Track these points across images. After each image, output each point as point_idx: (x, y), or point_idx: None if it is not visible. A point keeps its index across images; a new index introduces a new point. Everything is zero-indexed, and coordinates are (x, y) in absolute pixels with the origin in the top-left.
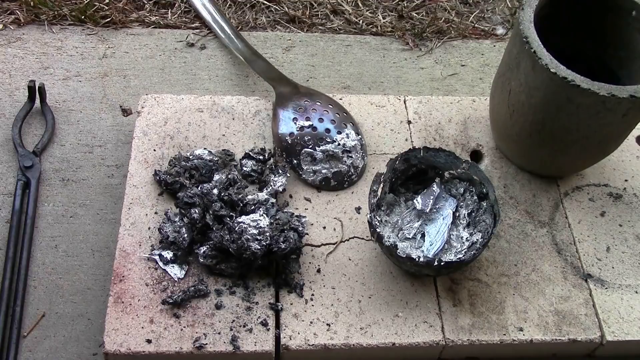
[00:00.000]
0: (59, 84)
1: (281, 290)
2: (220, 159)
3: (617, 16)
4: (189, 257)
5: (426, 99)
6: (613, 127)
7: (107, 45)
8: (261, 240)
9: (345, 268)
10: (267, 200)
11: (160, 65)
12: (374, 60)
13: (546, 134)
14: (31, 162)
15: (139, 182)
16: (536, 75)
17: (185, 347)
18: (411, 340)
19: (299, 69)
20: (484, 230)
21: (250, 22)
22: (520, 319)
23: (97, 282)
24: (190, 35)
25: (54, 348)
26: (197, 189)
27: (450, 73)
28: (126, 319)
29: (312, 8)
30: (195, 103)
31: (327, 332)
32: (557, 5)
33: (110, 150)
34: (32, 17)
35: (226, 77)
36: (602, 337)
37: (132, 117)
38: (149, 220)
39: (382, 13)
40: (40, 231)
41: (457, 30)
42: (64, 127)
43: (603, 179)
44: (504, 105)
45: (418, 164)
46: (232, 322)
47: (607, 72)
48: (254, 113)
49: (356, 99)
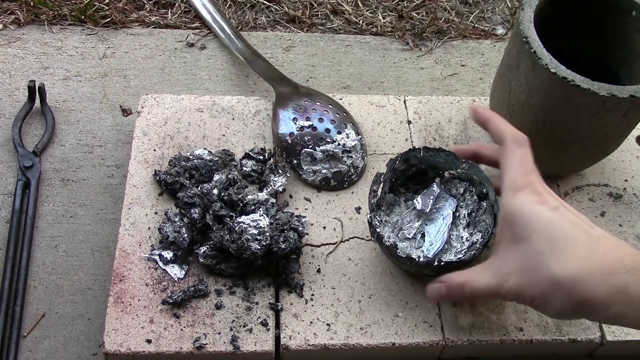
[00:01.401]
0: (59, 84)
1: (281, 290)
2: (220, 159)
3: (617, 16)
4: (189, 257)
5: (426, 99)
6: (613, 127)
7: (107, 45)
8: (261, 240)
9: (345, 268)
10: (267, 200)
11: (160, 65)
12: (374, 60)
13: (546, 134)
14: (31, 162)
15: (139, 182)
16: (536, 75)
17: (185, 347)
18: (411, 340)
19: (299, 69)
20: (484, 230)
21: (250, 22)
22: (520, 319)
23: (97, 282)
24: (190, 35)
25: (54, 348)
26: (197, 189)
27: (450, 73)
28: (126, 319)
29: (312, 8)
30: (195, 103)
31: (327, 332)
32: (557, 5)
33: (110, 150)
34: (32, 17)
35: (226, 77)
36: (602, 337)
37: (132, 117)
38: (149, 220)
39: (382, 13)
40: (40, 231)
41: (457, 30)
42: (64, 127)
43: (603, 179)
44: (504, 105)
45: (418, 164)
46: (232, 322)
47: (607, 72)
48: (254, 113)
49: (356, 99)
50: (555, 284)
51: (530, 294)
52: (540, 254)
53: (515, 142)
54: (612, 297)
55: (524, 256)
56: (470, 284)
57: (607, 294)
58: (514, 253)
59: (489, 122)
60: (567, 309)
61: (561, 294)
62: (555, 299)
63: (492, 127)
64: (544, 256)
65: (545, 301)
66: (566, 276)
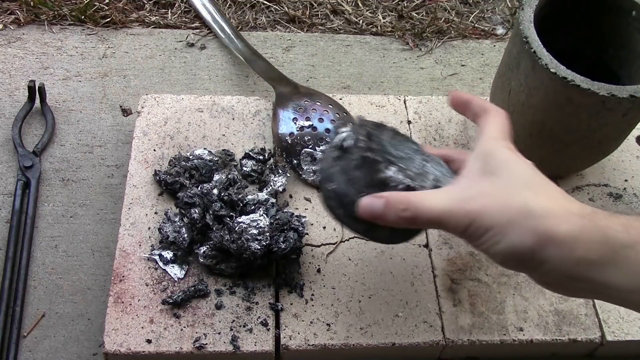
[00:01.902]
0: (59, 84)
1: (281, 290)
2: (220, 159)
3: (617, 16)
4: (189, 257)
5: (426, 99)
6: (613, 127)
7: (107, 45)
8: (261, 240)
9: (345, 268)
10: (267, 200)
11: (160, 65)
12: (374, 60)
13: (546, 134)
14: (31, 162)
15: (139, 182)
16: (536, 75)
17: (185, 347)
18: (411, 340)
19: (299, 69)
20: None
21: (250, 22)
22: (521, 319)
23: (97, 282)
24: (190, 35)
25: (54, 348)
26: (197, 189)
27: (450, 73)
28: (126, 319)
29: (312, 8)
30: (195, 103)
31: (327, 332)
32: (557, 5)
33: (110, 150)
34: (32, 17)
35: (226, 77)
36: (602, 337)
37: (132, 117)
38: (149, 220)
39: (382, 13)
40: (40, 231)
41: (457, 30)
42: (64, 127)
43: (603, 179)
44: (504, 105)
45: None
46: (232, 322)
47: (607, 72)
48: (254, 113)
49: (356, 99)
50: (525, 212)
51: (490, 221)
52: (514, 187)
53: (499, 112)
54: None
55: (494, 185)
56: (417, 204)
57: (581, 231)
58: (483, 182)
59: (471, 101)
60: (524, 247)
61: (526, 226)
62: (517, 231)
63: (475, 104)
64: (518, 189)
65: (503, 232)
66: (540, 208)
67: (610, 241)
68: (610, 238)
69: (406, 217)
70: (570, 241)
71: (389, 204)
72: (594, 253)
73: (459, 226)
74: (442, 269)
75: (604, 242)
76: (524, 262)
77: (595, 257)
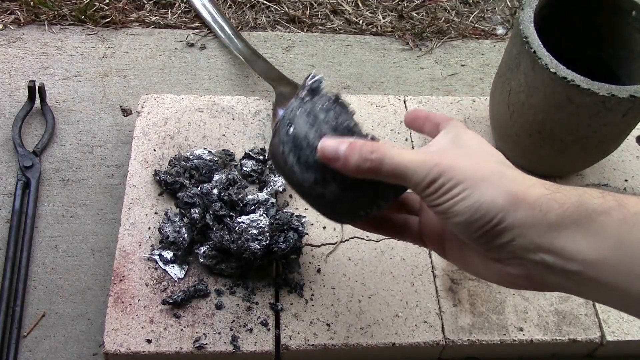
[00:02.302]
0: (59, 84)
1: (281, 290)
2: (220, 159)
3: (617, 16)
4: (189, 257)
5: (426, 99)
6: (613, 127)
7: (107, 45)
8: (261, 240)
9: (345, 268)
10: (267, 200)
11: (160, 65)
12: (374, 60)
13: (546, 134)
14: (31, 162)
15: (139, 182)
16: (536, 75)
17: (185, 347)
18: (411, 341)
19: (299, 69)
20: None
21: (250, 22)
22: (520, 319)
23: (97, 282)
24: (190, 35)
25: (54, 348)
26: (197, 189)
27: (450, 73)
28: (126, 319)
29: (312, 8)
30: (195, 103)
31: (327, 332)
32: (557, 5)
33: (110, 150)
34: (32, 17)
35: (226, 77)
36: (602, 337)
37: (132, 117)
38: (149, 220)
39: (382, 13)
40: (40, 231)
41: (457, 30)
42: (64, 127)
43: (603, 179)
44: (504, 105)
45: None
46: (232, 322)
47: (607, 72)
48: (254, 113)
49: (356, 99)
50: (499, 172)
51: (461, 175)
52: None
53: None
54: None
55: (467, 152)
56: (385, 148)
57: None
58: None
59: (430, 115)
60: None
61: (499, 184)
62: (489, 188)
63: (436, 115)
64: (491, 161)
65: (473, 187)
66: (513, 175)
67: (586, 204)
68: (586, 202)
69: (372, 159)
70: (545, 203)
71: (354, 146)
72: (568, 218)
73: (426, 178)
74: (442, 269)
75: (579, 205)
76: (489, 226)
77: (569, 222)
